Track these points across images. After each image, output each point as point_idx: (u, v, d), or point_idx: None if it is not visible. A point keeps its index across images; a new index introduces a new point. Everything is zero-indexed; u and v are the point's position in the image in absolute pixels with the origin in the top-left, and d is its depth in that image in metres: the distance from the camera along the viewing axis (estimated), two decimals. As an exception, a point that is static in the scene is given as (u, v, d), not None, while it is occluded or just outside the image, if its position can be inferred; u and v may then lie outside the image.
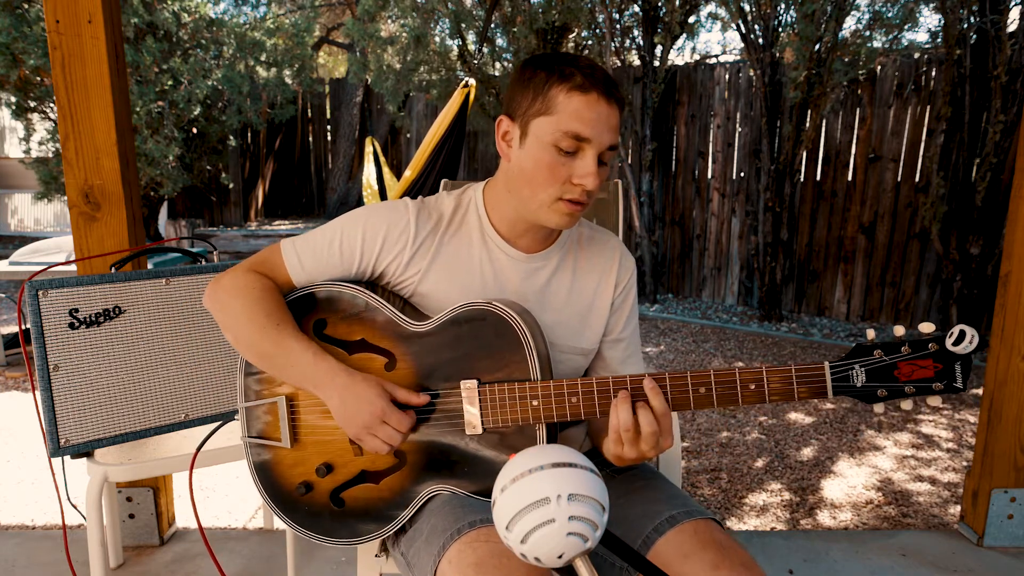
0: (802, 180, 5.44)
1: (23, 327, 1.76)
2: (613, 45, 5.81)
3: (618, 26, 5.82)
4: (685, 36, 5.93)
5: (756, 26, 5.02)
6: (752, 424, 3.33)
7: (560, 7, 5.59)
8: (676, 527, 1.01)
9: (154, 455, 1.54)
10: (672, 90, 6.02)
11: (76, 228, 1.84)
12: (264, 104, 7.72)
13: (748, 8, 4.99)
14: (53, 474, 1.57)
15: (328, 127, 9.58)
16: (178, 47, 6.42)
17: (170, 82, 6.15)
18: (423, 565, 0.98)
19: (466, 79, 2.69)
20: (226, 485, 2.65)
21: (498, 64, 6.55)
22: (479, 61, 6.29)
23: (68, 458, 1.54)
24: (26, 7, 5.57)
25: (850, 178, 5.28)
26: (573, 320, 1.16)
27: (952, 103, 4.41)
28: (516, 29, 5.90)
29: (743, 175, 5.73)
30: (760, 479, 2.75)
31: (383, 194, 3.18)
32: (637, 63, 5.97)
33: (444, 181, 1.80)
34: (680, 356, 4.53)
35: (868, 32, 4.86)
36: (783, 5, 4.93)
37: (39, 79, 5.98)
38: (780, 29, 5.01)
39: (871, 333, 0.92)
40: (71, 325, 1.47)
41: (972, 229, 4.42)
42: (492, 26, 6.13)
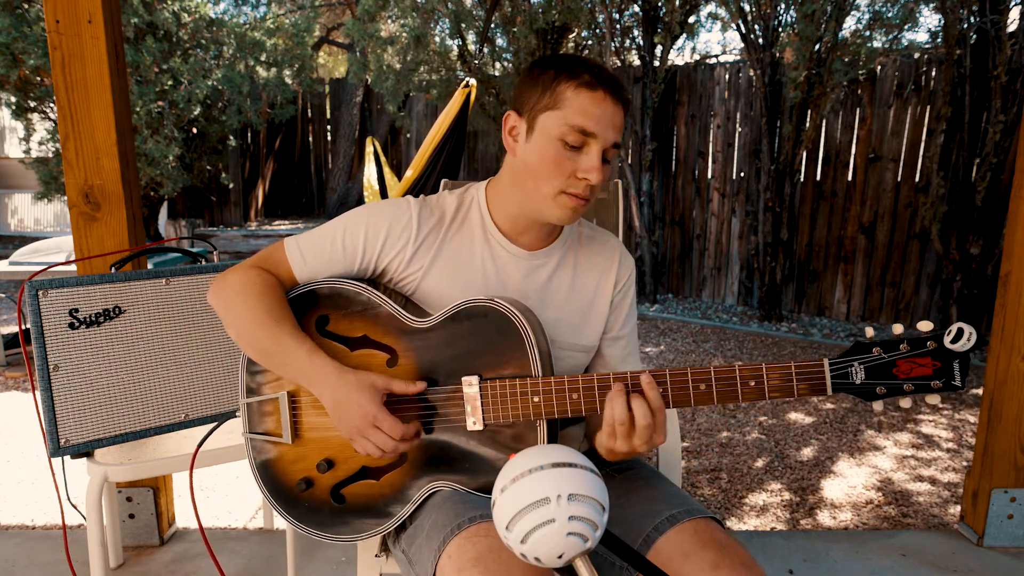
0: (802, 180, 5.44)
1: (23, 327, 1.76)
2: (613, 45, 5.81)
3: (618, 26, 5.82)
4: (685, 36, 5.93)
5: (756, 26, 5.02)
6: (752, 424, 3.33)
7: (560, 7, 5.58)
8: (676, 526, 1.01)
9: (154, 455, 1.54)
10: (672, 90, 6.02)
11: (76, 228, 1.84)
12: (264, 104, 7.71)
13: (748, 8, 4.99)
14: (53, 474, 1.57)
15: (328, 127, 9.57)
16: (178, 47, 6.42)
17: (170, 82, 6.15)
18: (424, 561, 0.98)
19: (467, 79, 2.69)
20: (226, 485, 2.65)
21: (498, 64, 6.55)
22: (479, 61, 6.29)
23: (68, 458, 1.54)
24: (26, 7, 5.57)
25: (850, 178, 5.28)
26: (574, 317, 1.17)
27: (952, 103, 4.41)
28: (516, 29, 5.90)
29: (743, 175, 5.73)
30: (760, 479, 2.75)
31: (384, 194, 3.18)
32: (637, 63, 5.97)
33: (444, 181, 1.81)
34: (680, 356, 4.53)
35: (868, 32, 4.85)
36: (783, 5, 4.92)
37: (39, 79, 5.98)
38: (780, 29, 5.01)
39: (870, 331, 0.92)
40: (71, 325, 1.47)
41: (972, 229, 4.42)
42: (492, 26, 6.13)
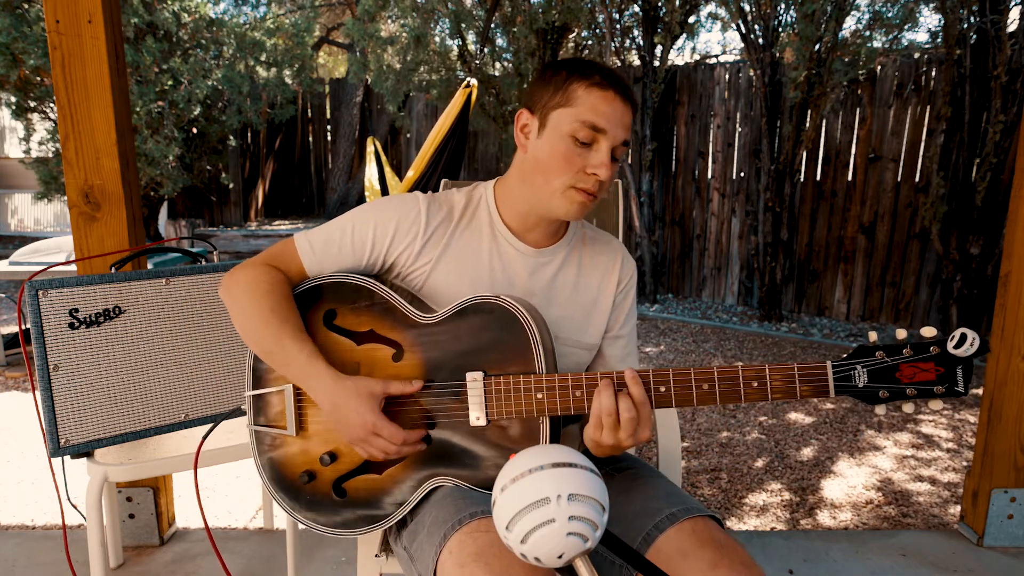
0: (802, 180, 5.44)
1: (23, 327, 1.76)
2: (613, 45, 5.80)
3: (618, 26, 5.82)
4: (685, 36, 5.93)
5: (756, 26, 5.02)
6: (752, 424, 3.33)
7: (560, 7, 5.58)
8: (676, 525, 1.01)
9: (154, 455, 1.54)
10: (672, 90, 6.02)
11: (76, 228, 1.84)
12: (264, 104, 7.71)
13: (748, 8, 4.99)
14: (53, 474, 1.57)
15: (328, 127, 9.57)
16: (178, 47, 6.42)
17: (170, 82, 6.14)
18: (425, 557, 0.99)
19: (468, 79, 2.69)
20: (226, 485, 2.65)
21: (498, 64, 6.55)
22: (479, 61, 6.29)
23: (68, 458, 1.54)
24: (26, 7, 5.57)
25: (850, 178, 5.28)
26: (578, 315, 1.19)
27: (952, 103, 4.41)
28: (516, 29, 5.90)
29: (743, 175, 5.73)
30: (760, 479, 2.75)
31: (385, 194, 3.18)
32: (637, 63, 5.96)
33: (444, 181, 1.81)
34: (680, 356, 4.53)
35: (868, 32, 4.85)
36: (783, 5, 4.92)
37: (39, 79, 5.98)
38: (780, 29, 5.01)
39: (873, 335, 0.93)
40: (71, 325, 1.47)
41: (972, 229, 4.42)
42: (492, 26, 6.13)
